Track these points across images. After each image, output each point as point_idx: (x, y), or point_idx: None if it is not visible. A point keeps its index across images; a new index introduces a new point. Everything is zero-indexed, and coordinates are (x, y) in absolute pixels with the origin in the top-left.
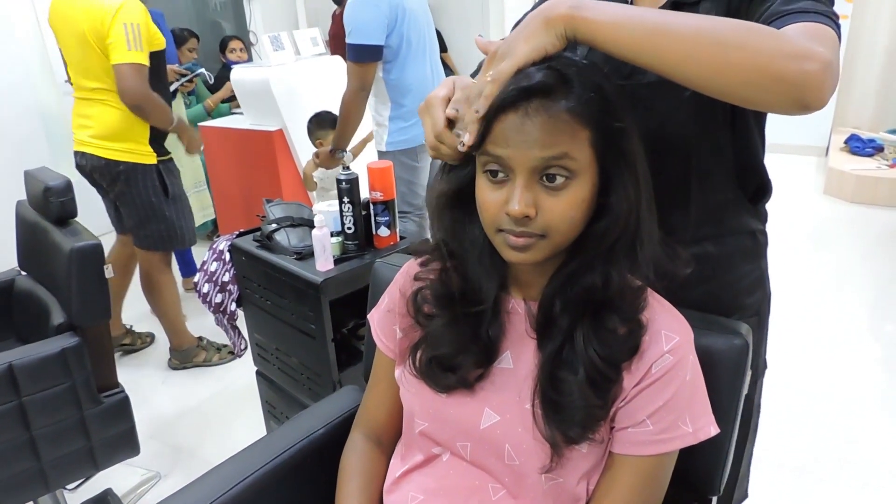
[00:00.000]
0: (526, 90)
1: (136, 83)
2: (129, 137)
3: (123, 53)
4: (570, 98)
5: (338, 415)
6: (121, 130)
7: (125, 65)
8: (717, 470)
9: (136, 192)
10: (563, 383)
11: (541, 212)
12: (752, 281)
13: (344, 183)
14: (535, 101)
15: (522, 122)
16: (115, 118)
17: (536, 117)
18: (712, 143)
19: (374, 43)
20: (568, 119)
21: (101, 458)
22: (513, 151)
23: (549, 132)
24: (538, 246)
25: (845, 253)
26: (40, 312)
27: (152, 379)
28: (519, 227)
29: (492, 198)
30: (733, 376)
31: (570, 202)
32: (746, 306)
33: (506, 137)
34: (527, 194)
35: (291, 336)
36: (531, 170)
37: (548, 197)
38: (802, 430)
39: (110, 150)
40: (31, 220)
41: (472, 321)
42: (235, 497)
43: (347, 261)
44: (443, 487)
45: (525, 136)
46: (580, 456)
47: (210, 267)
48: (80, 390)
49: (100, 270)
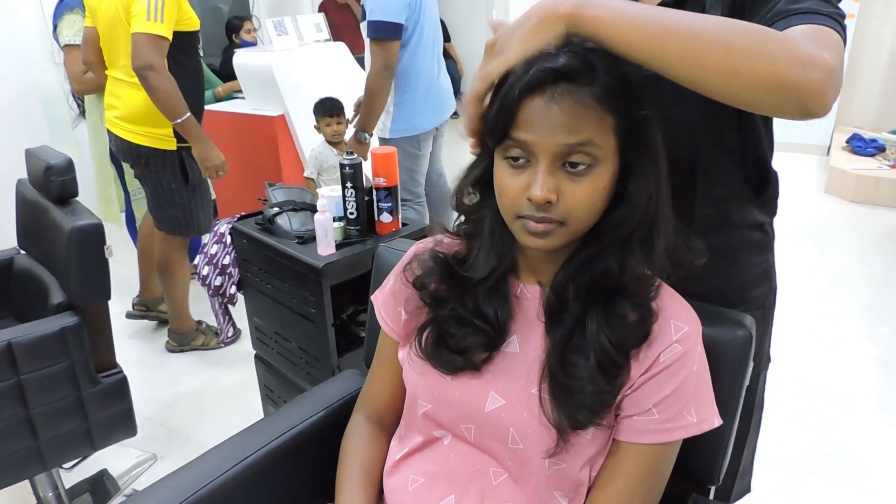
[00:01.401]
0: (554, 72)
1: (145, 51)
2: (152, 122)
3: (142, 23)
4: (596, 84)
5: (338, 398)
6: (144, 113)
7: (141, 34)
8: (716, 461)
9: (156, 176)
10: (574, 367)
11: (562, 198)
12: (758, 274)
13: (347, 168)
14: (562, 86)
15: (548, 106)
16: (140, 100)
17: (563, 102)
18: (719, 136)
19: (395, 21)
20: (594, 105)
21: (98, 438)
22: (537, 136)
23: (576, 118)
24: (557, 232)
25: (845, 253)
26: (39, 292)
27: (150, 362)
28: (540, 212)
29: (513, 183)
30: (736, 367)
31: (592, 189)
32: (752, 299)
33: (531, 122)
34: (549, 180)
35: (291, 320)
36: (555, 155)
37: (570, 183)
38: (797, 428)
39: (133, 133)
40: (31, 198)
41: (476, 300)
42: (234, 478)
43: (349, 246)
44: (444, 471)
45: (551, 120)
46: (584, 442)
47: (210, 250)
48: (78, 370)
49: (100, 250)
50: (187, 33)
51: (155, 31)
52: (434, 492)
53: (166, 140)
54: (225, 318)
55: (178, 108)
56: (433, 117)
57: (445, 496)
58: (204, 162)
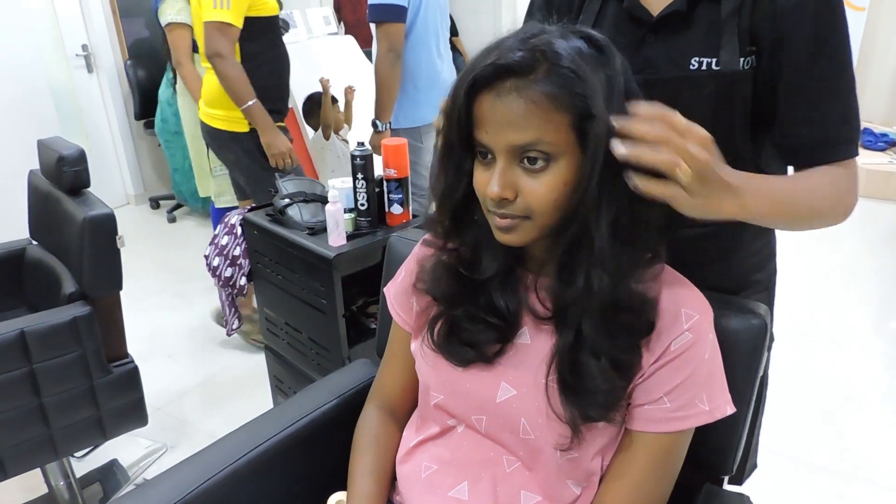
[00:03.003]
0: (499, 68)
1: (212, 39)
2: (225, 104)
3: (210, 11)
4: (548, 80)
5: (350, 387)
6: (219, 97)
7: (208, 22)
8: (730, 450)
9: (236, 157)
10: (584, 367)
11: (521, 194)
12: (762, 257)
13: (358, 159)
14: (509, 82)
15: (494, 103)
16: (215, 84)
17: (509, 99)
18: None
19: (396, 2)
20: (542, 102)
21: (110, 427)
22: (490, 137)
23: (523, 116)
24: (523, 227)
25: (853, 247)
26: (51, 282)
27: (159, 353)
28: (500, 208)
29: (481, 179)
30: (750, 357)
31: (551, 185)
32: (756, 282)
33: (483, 120)
34: (505, 176)
35: (302, 311)
36: (509, 153)
37: (528, 179)
38: (805, 422)
39: (210, 116)
40: (43, 189)
41: (488, 296)
42: (246, 465)
43: (360, 237)
44: (457, 458)
45: (499, 118)
46: (596, 432)
47: (221, 241)
48: (90, 359)
49: (112, 240)
50: (262, 18)
51: (221, 19)
52: (447, 478)
53: (238, 122)
54: (231, 310)
55: (243, 94)
56: (436, 110)
57: (459, 483)
58: (269, 149)
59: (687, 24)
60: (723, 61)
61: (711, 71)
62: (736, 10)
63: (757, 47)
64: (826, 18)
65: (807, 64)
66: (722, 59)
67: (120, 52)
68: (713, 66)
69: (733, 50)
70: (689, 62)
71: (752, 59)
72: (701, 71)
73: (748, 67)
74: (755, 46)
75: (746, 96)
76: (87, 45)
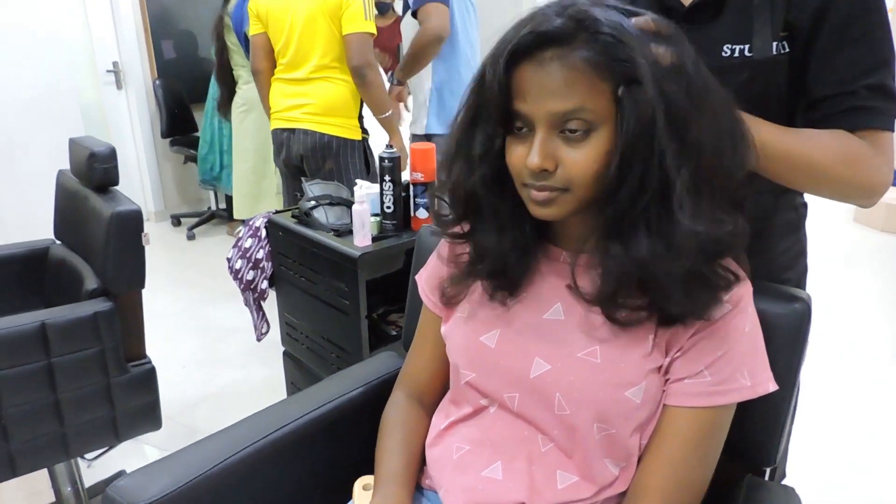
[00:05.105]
0: (539, 36)
1: (364, 50)
2: (344, 112)
3: (360, 23)
4: (589, 47)
5: (376, 376)
6: (337, 105)
7: (358, 34)
8: (773, 439)
9: (344, 166)
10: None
11: (561, 165)
12: (793, 255)
13: (387, 161)
14: (550, 51)
15: (535, 72)
16: (334, 93)
17: (551, 67)
18: None
19: None
20: (585, 69)
21: (123, 429)
22: (530, 106)
23: (564, 83)
24: (561, 200)
25: (874, 280)
26: (73, 280)
27: (173, 363)
28: (539, 180)
29: (516, 153)
30: (794, 341)
31: (592, 155)
32: (787, 280)
33: (523, 91)
34: (545, 147)
35: (324, 313)
36: (549, 122)
37: (568, 149)
38: (821, 458)
39: (327, 124)
40: (71, 187)
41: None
42: (270, 445)
43: (385, 239)
44: (489, 438)
45: (541, 87)
46: (633, 406)
47: (244, 243)
48: (108, 356)
49: (138, 237)
50: None
51: (370, 30)
52: (480, 458)
53: (355, 129)
54: (259, 314)
55: (386, 102)
56: None
57: (492, 462)
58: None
59: (719, 12)
60: (755, 48)
61: (744, 58)
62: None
63: (791, 32)
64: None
65: (838, 42)
66: (755, 46)
67: (149, 71)
68: (746, 53)
69: (766, 36)
70: (721, 50)
71: (784, 44)
72: (734, 58)
73: (782, 53)
74: (788, 32)
75: (781, 82)
76: (117, 62)
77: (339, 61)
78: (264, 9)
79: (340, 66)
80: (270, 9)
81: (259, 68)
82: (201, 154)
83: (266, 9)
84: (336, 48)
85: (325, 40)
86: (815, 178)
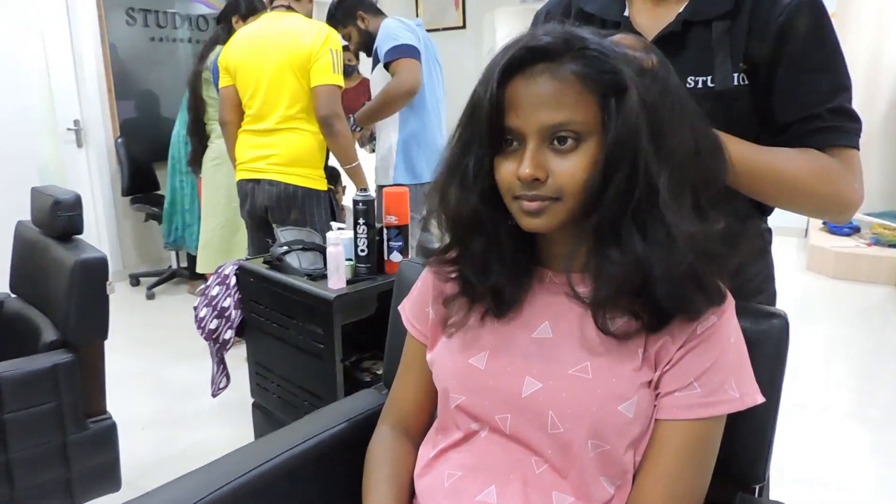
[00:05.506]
0: (532, 51)
1: (333, 101)
2: (310, 163)
3: (329, 76)
4: (577, 61)
5: (360, 412)
6: (303, 155)
7: (326, 86)
8: (760, 455)
9: (310, 218)
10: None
11: (552, 175)
12: (760, 281)
13: (360, 204)
14: (541, 65)
15: (528, 85)
16: (300, 143)
17: (542, 80)
18: None
19: (411, 43)
20: (573, 81)
21: (79, 492)
22: (522, 120)
23: (554, 96)
24: (552, 210)
25: (829, 326)
26: (29, 333)
27: (132, 425)
28: (531, 190)
29: (506, 168)
30: (775, 357)
31: (581, 164)
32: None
33: (515, 105)
34: (536, 157)
35: (297, 359)
36: (540, 134)
37: (559, 160)
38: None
39: (293, 175)
40: (30, 238)
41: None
42: (248, 484)
43: (359, 282)
44: (482, 463)
45: (531, 100)
46: (626, 421)
47: (211, 291)
48: (66, 412)
49: (102, 286)
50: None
51: (338, 83)
52: (474, 484)
53: (320, 180)
54: (219, 367)
55: (353, 152)
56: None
57: (486, 487)
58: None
59: (682, 45)
60: (717, 80)
61: (707, 89)
62: (727, 30)
63: (751, 65)
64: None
65: (798, 72)
66: (716, 78)
67: (111, 129)
68: (708, 84)
69: (726, 68)
70: (686, 81)
71: (744, 76)
72: (697, 89)
73: (744, 84)
74: (748, 64)
75: (744, 111)
76: (79, 119)
77: (306, 112)
78: (233, 62)
79: (307, 117)
80: (239, 63)
81: (226, 119)
82: (166, 216)
83: (235, 63)
84: (303, 100)
85: (292, 93)
86: (789, 191)
